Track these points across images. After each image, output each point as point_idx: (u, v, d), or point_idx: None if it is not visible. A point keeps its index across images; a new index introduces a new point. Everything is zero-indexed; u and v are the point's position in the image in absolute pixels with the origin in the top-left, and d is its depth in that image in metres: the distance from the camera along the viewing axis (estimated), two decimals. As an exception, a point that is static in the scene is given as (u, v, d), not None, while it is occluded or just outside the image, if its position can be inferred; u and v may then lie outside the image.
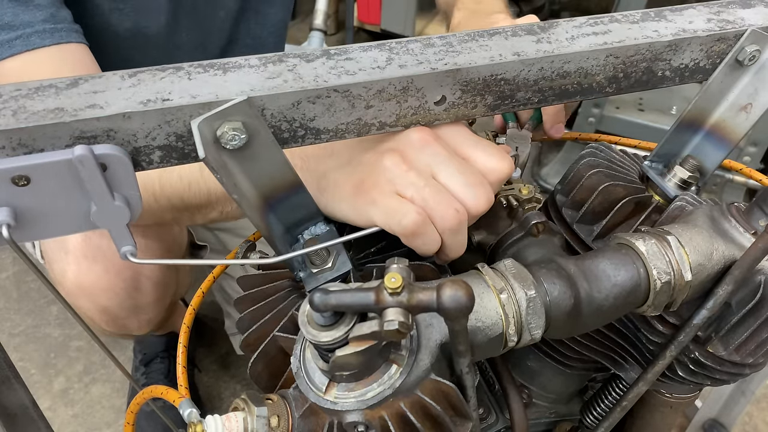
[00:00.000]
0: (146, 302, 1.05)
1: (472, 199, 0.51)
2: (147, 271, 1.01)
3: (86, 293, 0.99)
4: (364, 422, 0.44)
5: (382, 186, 0.51)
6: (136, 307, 1.04)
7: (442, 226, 0.51)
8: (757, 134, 1.91)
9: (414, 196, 0.50)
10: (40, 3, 0.76)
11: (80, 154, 0.38)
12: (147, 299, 1.04)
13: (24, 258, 0.41)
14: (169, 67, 0.44)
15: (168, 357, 1.52)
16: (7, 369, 0.48)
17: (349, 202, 0.53)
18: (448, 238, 0.52)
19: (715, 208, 0.57)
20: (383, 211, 0.51)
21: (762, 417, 1.55)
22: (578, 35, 0.52)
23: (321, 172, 0.55)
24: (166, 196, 0.69)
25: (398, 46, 0.48)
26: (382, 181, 0.51)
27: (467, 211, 0.51)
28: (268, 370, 0.57)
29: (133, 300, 1.02)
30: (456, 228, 0.51)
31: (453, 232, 0.52)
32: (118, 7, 0.92)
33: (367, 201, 0.51)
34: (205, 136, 0.41)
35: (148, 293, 1.04)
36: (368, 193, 0.51)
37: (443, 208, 0.50)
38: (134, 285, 1.00)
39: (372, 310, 0.40)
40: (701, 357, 0.59)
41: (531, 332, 0.50)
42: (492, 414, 0.69)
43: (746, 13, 0.56)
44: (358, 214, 0.52)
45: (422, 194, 0.50)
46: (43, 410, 0.53)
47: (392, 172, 0.51)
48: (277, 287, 0.59)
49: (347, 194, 0.53)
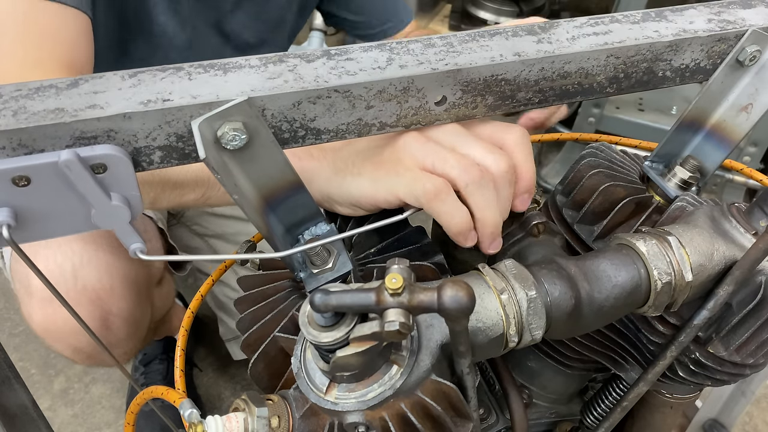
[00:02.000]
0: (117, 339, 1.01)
1: (493, 161, 0.52)
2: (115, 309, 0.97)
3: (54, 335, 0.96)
4: (364, 423, 0.44)
5: (405, 160, 0.52)
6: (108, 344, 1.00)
7: (465, 178, 0.51)
8: (757, 134, 1.92)
9: (435, 163, 0.51)
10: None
11: (66, 159, 0.38)
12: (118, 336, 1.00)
13: (24, 258, 0.41)
14: (170, 67, 0.44)
15: (167, 358, 1.52)
16: (7, 369, 0.48)
17: (369, 177, 0.53)
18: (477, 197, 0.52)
19: (715, 209, 0.57)
20: (405, 182, 0.51)
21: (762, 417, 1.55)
22: (579, 35, 0.52)
23: (339, 156, 0.55)
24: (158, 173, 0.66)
25: (399, 46, 0.48)
26: (405, 156, 0.52)
27: (489, 170, 0.51)
28: (269, 370, 0.57)
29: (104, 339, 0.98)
30: (480, 181, 0.51)
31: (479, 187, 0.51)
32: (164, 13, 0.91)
33: (389, 173, 0.52)
34: (206, 137, 0.41)
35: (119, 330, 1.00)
36: (391, 167, 0.52)
37: (464, 166, 0.51)
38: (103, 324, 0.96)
39: (373, 310, 0.40)
40: (702, 357, 0.59)
41: (532, 333, 0.50)
42: (492, 414, 0.69)
43: (747, 13, 0.56)
44: (378, 187, 0.53)
45: (443, 158, 0.51)
46: (43, 410, 0.53)
47: (414, 146, 0.52)
48: (277, 288, 0.59)
49: (368, 170, 0.53)
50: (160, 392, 0.54)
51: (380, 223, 0.52)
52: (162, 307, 1.29)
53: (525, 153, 0.54)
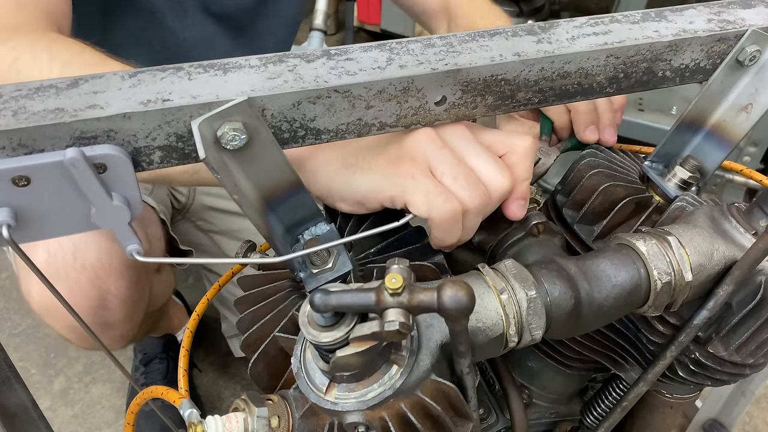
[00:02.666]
0: (115, 320, 1.02)
1: (497, 184, 0.53)
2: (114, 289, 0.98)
3: (51, 314, 0.97)
4: (364, 423, 0.44)
5: (419, 160, 0.52)
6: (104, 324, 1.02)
7: (467, 210, 0.52)
8: (757, 134, 1.91)
9: (445, 174, 0.51)
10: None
11: (71, 157, 0.38)
12: (115, 317, 1.02)
13: (24, 258, 0.41)
14: (170, 67, 0.44)
15: (167, 357, 1.51)
16: (7, 369, 0.48)
17: (381, 173, 0.53)
18: (470, 224, 0.53)
19: (715, 209, 0.57)
20: (422, 191, 0.51)
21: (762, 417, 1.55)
22: (579, 35, 0.52)
23: (348, 150, 0.54)
24: None
25: (398, 46, 0.48)
26: (419, 154, 0.52)
27: (491, 192, 0.53)
28: (269, 370, 0.57)
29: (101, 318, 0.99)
30: (479, 214, 0.53)
31: (474, 215, 0.53)
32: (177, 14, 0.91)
33: (404, 173, 0.52)
34: (206, 137, 0.41)
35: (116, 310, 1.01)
36: (405, 165, 0.52)
37: (472, 192, 0.51)
38: (101, 303, 0.97)
39: (372, 310, 0.40)
40: (702, 357, 0.59)
41: (531, 333, 0.50)
42: (492, 414, 0.69)
43: (747, 13, 0.56)
44: (389, 184, 0.52)
45: (454, 175, 0.51)
46: (43, 410, 0.53)
47: (428, 146, 0.52)
48: (277, 288, 0.59)
49: (380, 166, 0.53)
50: (160, 392, 0.54)
51: (381, 228, 0.52)
52: (160, 296, 1.30)
53: (527, 164, 0.55)
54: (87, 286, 0.95)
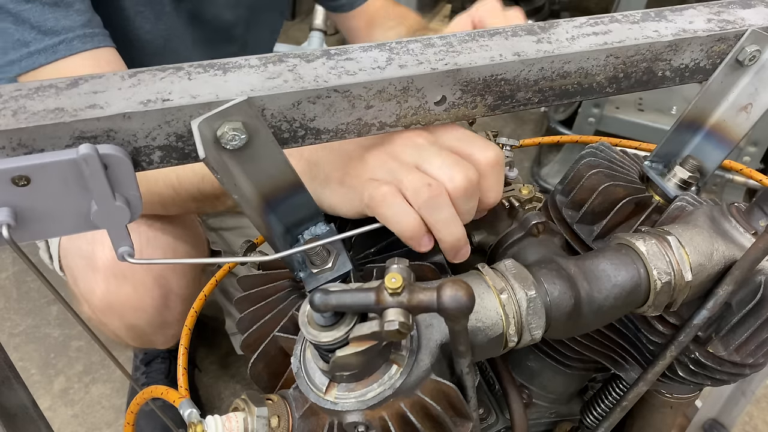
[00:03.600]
0: (174, 318, 1.04)
1: (448, 176, 0.50)
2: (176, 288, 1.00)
3: (115, 312, 0.98)
4: (364, 422, 0.44)
5: (363, 176, 0.53)
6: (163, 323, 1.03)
7: (416, 200, 0.50)
8: (757, 134, 1.91)
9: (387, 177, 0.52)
10: (80, 8, 0.79)
11: (85, 153, 0.38)
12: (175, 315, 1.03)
13: (24, 258, 0.41)
14: (169, 67, 0.44)
15: (168, 357, 1.51)
16: (7, 369, 0.48)
17: (333, 190, 0.55)
18: (429, 217, 0.51)
19: (715, 209, 0.57)
20: (356, 193, 0.53)
21: (762, 417, 1.55)
22: (578, 35, 0.52)
23: (314, 160, 0.56)
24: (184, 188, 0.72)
25: (398, 46, 0.48)
26: (365, 172, 0.53)
27: (442, 185, 0.50)
28: (269, 370, 0.57)
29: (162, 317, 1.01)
30: (431, 202, 0.50)
31: (430, 208, 0.50)
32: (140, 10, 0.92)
33: (349, 189, 0.54)
34: (206, 137, 0.41)
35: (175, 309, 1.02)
36: (350, 183, 0.54)
37: (415, 182, 0.50)
38: (164, 302, 0.99)
39: (372, 310, 0.40)
40: (701, 357, 0.59)
41: (531, 332, 0.50)
42: (492, 414, 0.69)
43: (746, 13, 0.56)
44: (339, 199, 0.55)
45: (395, 174, 0.51)
46: (43, 410, 0.53)
47: (372, 164, 0.53)
48: (277, 287, 0.59)
49: (333, 182, 0.55)
50: (160, 392, 0.54)
51: (375, 225, 0.52)
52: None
53: (495, 177, 0.53)
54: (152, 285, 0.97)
